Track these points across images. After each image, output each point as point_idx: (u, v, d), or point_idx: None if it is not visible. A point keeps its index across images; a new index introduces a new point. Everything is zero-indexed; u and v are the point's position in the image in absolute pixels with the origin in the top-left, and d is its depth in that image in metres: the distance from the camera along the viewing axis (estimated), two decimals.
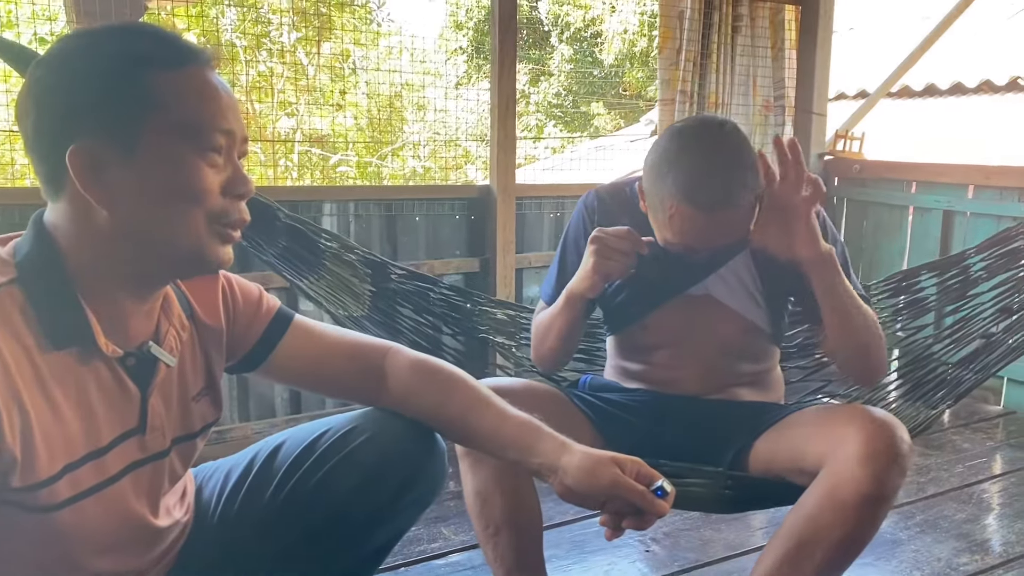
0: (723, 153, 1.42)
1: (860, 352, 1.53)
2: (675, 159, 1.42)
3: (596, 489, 1.15)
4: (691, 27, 3.32)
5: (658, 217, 1.46)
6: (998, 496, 2.54)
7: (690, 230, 1.42)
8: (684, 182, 1.39)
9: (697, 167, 1.40)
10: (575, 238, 1.68)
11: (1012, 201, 3.10)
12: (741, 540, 2.19)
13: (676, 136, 1.47)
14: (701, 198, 1.38)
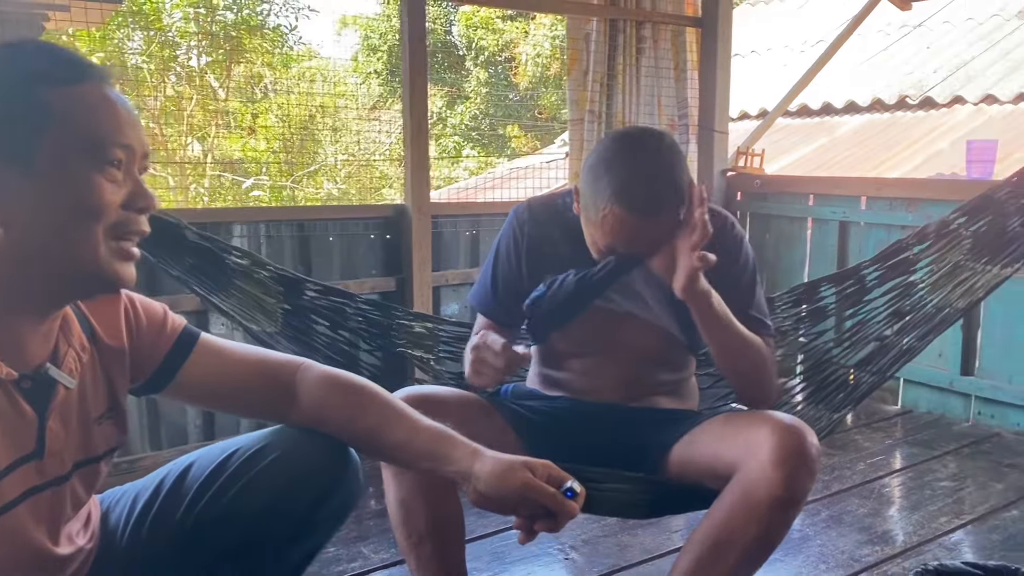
0: (660, 163, 1.47)
1: (740, 378, 1.61)
2: (613, 162, 1.46)
3: (508, 493, 1.17)
4: (597, 49, 3.41)
5: (590, 217, 1.49)
6: (897, 490, 2.68)
7: (620, 232, 1.46)
8: (619, 185, 1.44)
9: (633, 172, 1.44)
10: (505, 250, 1.71)
11: (901, 211, 3.28)
12: (658, 544, 2.24)
13: (616, 140, 1.52)
14: (634, 202, 1.43)
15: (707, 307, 1.51)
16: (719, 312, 1.52)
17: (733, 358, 1.58)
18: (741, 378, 1.62)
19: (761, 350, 1.59)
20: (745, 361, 1.58)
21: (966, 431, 3.16)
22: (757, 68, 6.61)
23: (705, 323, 1.53)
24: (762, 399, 1.63)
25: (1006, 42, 5.43)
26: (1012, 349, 3.09)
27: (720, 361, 1.60)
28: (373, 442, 1.25)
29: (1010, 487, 2.63)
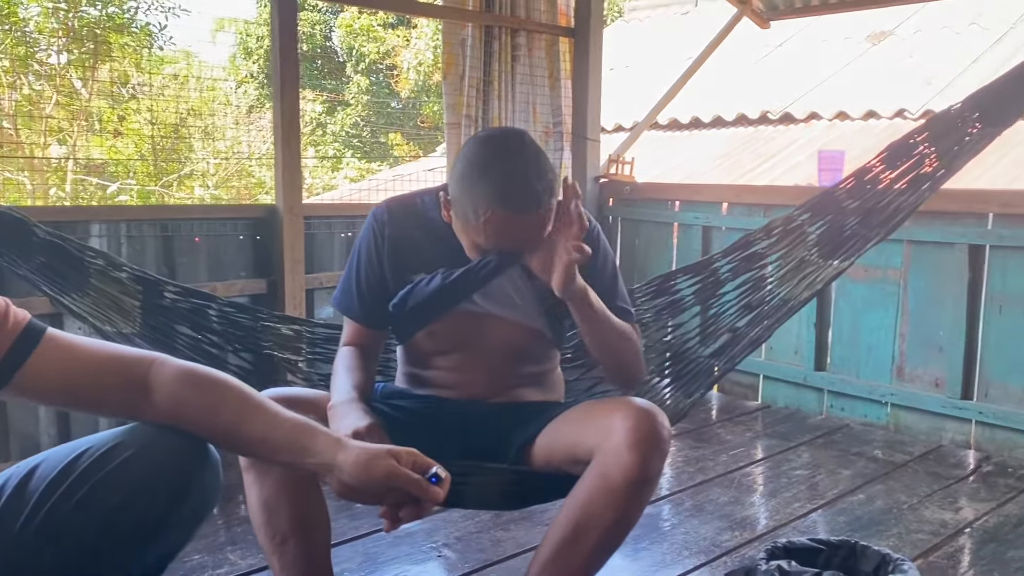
0: (530, 160, 1.50)
1: (615, 366, 1.70)
2: (486, 166, 1.49)
3: (373, 482, 1.17)
4: (472, 54, 3.46)
5: (471, 222, 1.51)
6: (756, 479, 2.82)
7: (505, 233, 1.49)
8: (498, 187, 1.46)
9: (508, 173, 1.47)
10: (367, 252, 1.70)
11: (759, 216, 3.47)
12: (531, 537, 2.28)
13: (483, 144, 1.54)
14: (514, 201, 1.46)
15: (585, 303, 1.57)
16: (595, 306, 1.58)
17: (608, 348, 1.65)
18: (615, 365, 1.70)
19: (632, 338, 1.68)
20: (619, 350, 1.66)
21: (819, 423, 3.36)
22: (632, 81, 6.84)
23: (583, 317, 1.59)
24: (633, 381, 1.74)
25: (857, 63, 5.82)
26: (858, 346, 3.32)
27: (596, 351, 1.67)
28: (232, 437, 1.23)
29: (857, 474, 2.81)
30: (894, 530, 2.37)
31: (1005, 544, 2.28)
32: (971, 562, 2.20)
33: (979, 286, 2.98)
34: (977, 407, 2.99)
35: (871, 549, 1.72)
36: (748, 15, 4.07)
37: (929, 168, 2.08)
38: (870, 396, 3.28)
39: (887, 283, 3.21)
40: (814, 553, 1.74)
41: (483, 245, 1.53)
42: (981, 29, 5.55)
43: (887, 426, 3.25)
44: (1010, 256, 2.89)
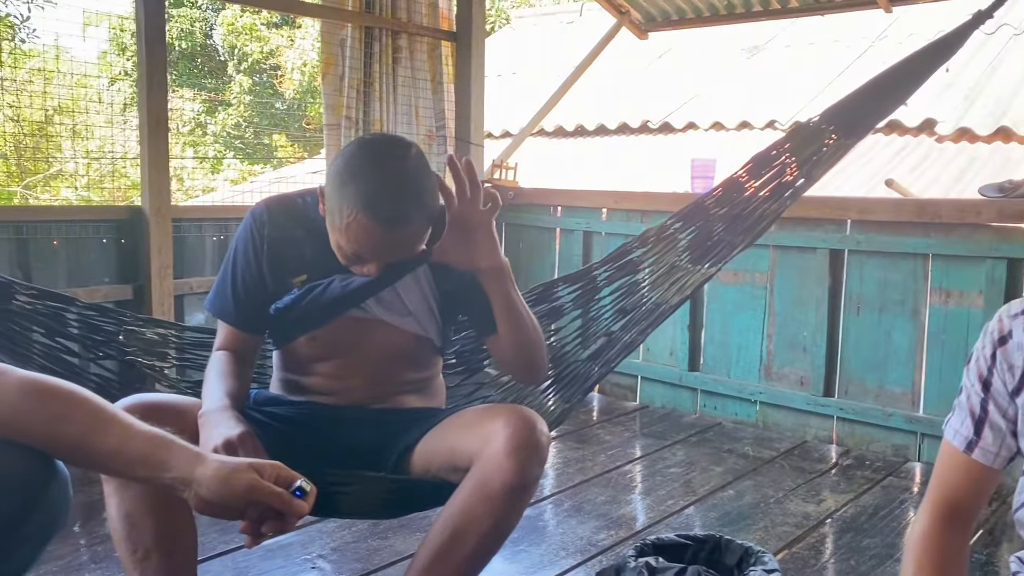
0: (405, 172, 1.47)
1: (529, 352, 1.67)
2: (360, 169, 1.45)
3: (233, 497, 1.13)
4: (352, 55, 3.41)
5: (335, 222, 1.47)
6: (633, 478, 2.88)
7: (365, 240, 1.45)
8: (366, 193, 1.43)
9: (380, 181, 1.44)
10: (244, 253, 1.64)
11: (636, 222, 3.56)
12: (408, 546, 2.25)
13: (364, 147, 1.51)
14: (380, 211, 1.43)
15: (508, 279, 1.57)
16: (514, 284, 1.59)
17: (523, 332, 1.63)
18: (525, 354, 1.67)
19: (538, 326, 1.67)
20: (531, 336, 1.64)
21: (693, 422, 3.47)
22: (520, 87, 6.91)
23: (503, 294, 1.58)
24: (540, 369, 1.72)
25: (731, 76, 6.07)
26: (728, 347, 3.45)
27: (511, 336, 1.64)
28: (80, 451, 1.16)
29: (728, 470, 2.92)
30: (761, 523, 2.47)
31: (861, 533, 2.41)
32: (831, 552, 2.31)
33: (839, 289, 3.15)
34: (838, 404, 3.16)
35: (735, 543, 1.79)
36: (627, 25, 4.18)
37: (790, 177, 2.18)
38: (740, 395, 3.41)
39: (755, 287, 3.35)
40: (682, 548, 1.79)
41: (344, 248, 1.50)
42: (844, 46, 5.88)
43: (756, 423, 3.39)
44: (866, 260, 3.08)
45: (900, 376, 3.02)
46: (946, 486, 1.14)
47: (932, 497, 1.15)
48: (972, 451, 1.10)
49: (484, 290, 1.60)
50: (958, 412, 1.13)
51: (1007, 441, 1.09)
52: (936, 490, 1.15)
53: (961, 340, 2.85)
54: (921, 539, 1.12)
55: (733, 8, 3.99)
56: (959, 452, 1.12)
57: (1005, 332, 1.07)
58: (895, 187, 3.25)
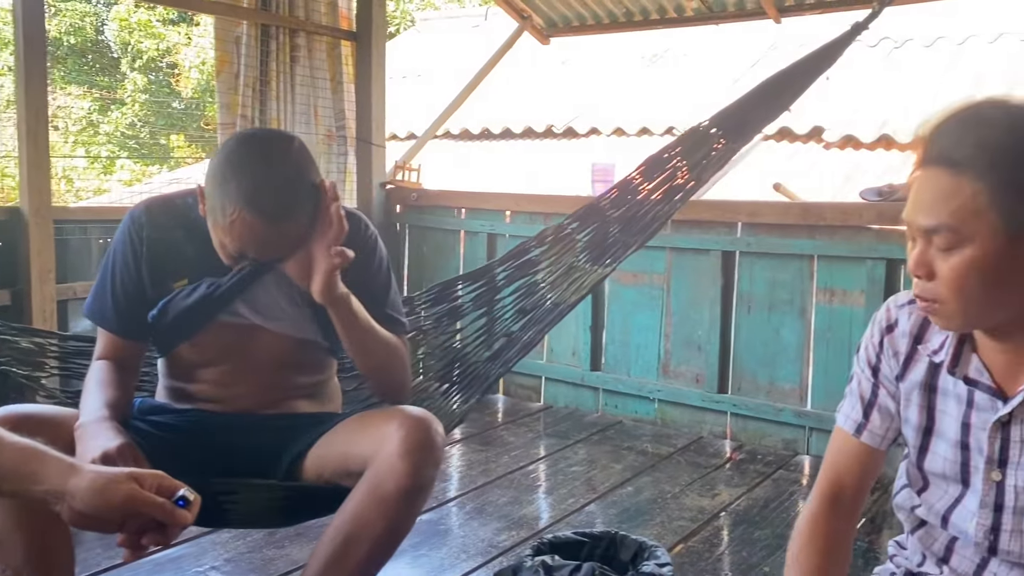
0: (290, 166, 1.43)
1: (379, 377, 1.66)
2: (241, 164, 1.41)
3: (110, 509, 1.08)
4: (248, 53, 3.33)
5: (218, 220, 1.42)
6: (535, 478, 2.90)
7: (249, 237, 1.41)
8: (248, 189, 1.38)
9: (263, 175, 1.40)
10: (123, 256, 1.57)
11: (539, 224, 3.58)
12: (304, 555, 2.20)
13: (244, 142, 1.46)
14: (264, 207, 1.38)
15: (346, 310, 1.52)
16: (358, 315, 1.54)
17: (371, 358, 1.61)
18: (378, 376, 1.66)
19: (397, 348, 1.65)
20: (382, 360, 1.62)
21: (595, 420, 3.52)
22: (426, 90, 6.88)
23: (344, 326, 1.54)
24: (398, 394, 1.68)
25: (632, 82, 6.20)
26: (628, 346, 3.52)
27: (358, 361, 1.63)
28: None
29: (627, 467, 2.97)
30: (658, 518, 2.52)
31: (753, 525, 2.50)
32: (725, 544, 2.38)
33: (731, 289, 3.26)
34: (731, 400, 3.27)
35: (630, 539, 1.82)
36: (529, 30, 4.22)
37: (681, 180, 2.25)
38: (639, 393, 3.48)
39: (653, 287, 3.43)
40: (578, 546, 1.81)
41: (228, 247, 1.45)
42: (739, 55, 6.09)
43: (655, 420, 3.47)
44: (756, 261, 3.19)
45: (789, 372, 3.14)
46: (836, 470, 1.19)
47: (821, 482, 1.19)
48: (861, 434, 1.16)
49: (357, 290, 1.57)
50: (849, 398, 1.18)
51: (894, 423, 1.15)
52: (826, 475, 1.20)
53: (845, 337, 2.98)
54: (808, 522, 1.17)
55: (632, 16, 4.08)
56: (849, 436, 1.17)
57: (892, 321, 1.13)
58: (782, 191, 3.38)
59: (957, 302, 0.96)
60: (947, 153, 0.94)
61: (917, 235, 0.98)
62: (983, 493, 1.03)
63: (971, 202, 0.92)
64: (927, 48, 5.38)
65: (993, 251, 0.93)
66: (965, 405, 1.05)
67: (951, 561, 1.10)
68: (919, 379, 1.10)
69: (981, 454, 1.04)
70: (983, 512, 1.04)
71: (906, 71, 5.15)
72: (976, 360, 1.04)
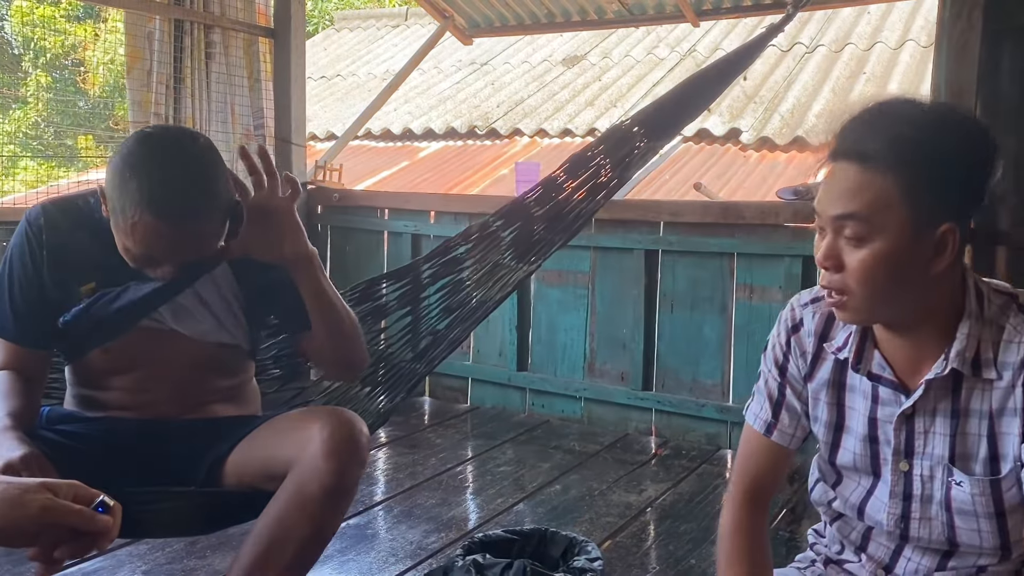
0: (194, 165, 1.37)
1: (347, 344, 1.59)
2: (142, 165, 1.34)
3: (24, 520, 1.02)
4: (161, 49, 3.22)
5: (120, 224, 1.35)
6: (464, 479, 2.89)
7: (154, 241, 1.35)
8: (150, 190, 1.32)
9: (165, 176, 1.33)
10: (21, 262, 1.49)
11: (464, 224, 3.56)
12: (227, 564, 2.13)
13: (145, 141, 1.39)
14: (167, 209, 1.32)
15: (318, 267, 1.50)
16: (324, 273, 1.53)
17: (337, 319, 1.56)
18: (342, 342, 1.58)
19: (353, 314, 1.61)
20: (347, 327, 1.57)
21: (523, 420, 3.53)
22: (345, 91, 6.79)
23: (313, 283, 1.51)
24: (359, 362, 1.65)
25: (553, 84, 6.24)
26: (554, 346, 3.54)
27: (325, 328, 1.56)
28: None
29: (555, 466, 2.98)
30: (586, 515, 2.54)
31: (679, 519, 2.53)
32: (652, 539, 2.41)
33: (654, 287, 3.31)
34: (656, 397, 3.31)
35: (560, 535, 1.83)
36: (451, 30, 4.20)
37: (604, 178, 2.27)
38: (566, 392, 3.51)
39: (578, 287, 3.46)
40: (509, 544, 1.80)
41: (132, 251, 1.38)
42: (657, 59, 6.20)
43: (582, 419, 3.49)
44: (678, 260, 3.25)
45: (711, 369, 3.21)
46: (749, 468, 1.21)
47: (737, 481, 1.21)
48: (771, 433, 1.18)
49: (292, 285, 1.53)
50: (757, 397, 1.20)
51: (802, 422, 1.17)
52: (740, 473, 1.21)
53: (765, 333, 3.01)
54: (733, 526, 1.19)
55: (553, 17, 4.11)
56: (760, 435, 1.19)
57: (797, 320, 1.15)
58: (703, 191, 3.45)
59: (864, 294, 0.98)
60: (859, 147, 0.96)
61: (827, 226, 0.99)
62: (892, 483, 1.07)
63: (883, 195, 0.94)
64: (836, 53, 5.58)
65: (902, 244, 0.95)
66: (871, 400, 1.08)
67: (868, 549, 1.13)
68: (827, 377, 1.13)
69: (889, 446, 1.07)
70: (893, 502, 1.07)
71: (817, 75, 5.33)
72: (878, 356, 1.06)
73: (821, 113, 4.79)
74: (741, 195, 4.04)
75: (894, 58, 5.32)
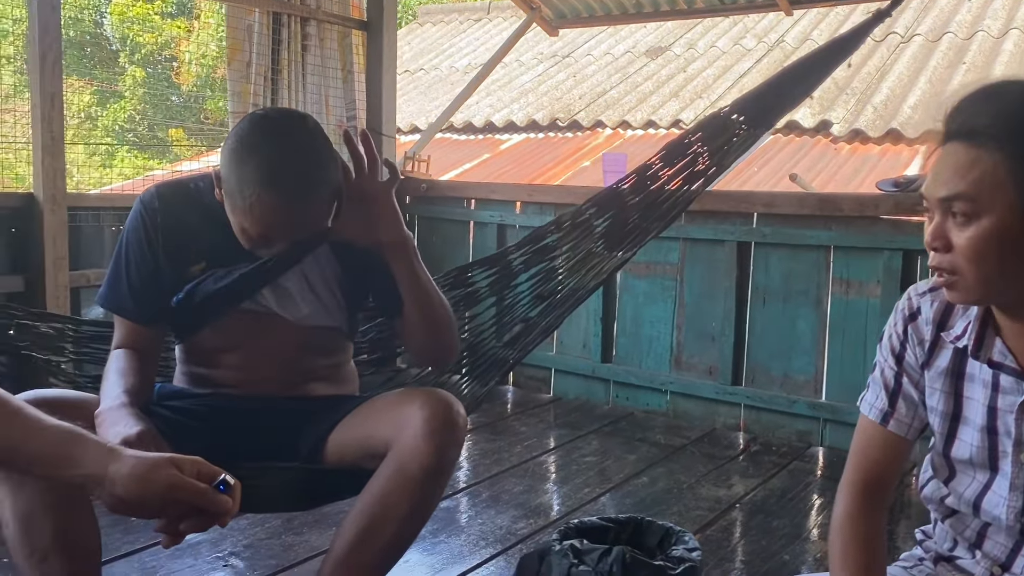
0: (307, 144, 1.41)
1: (440, 330, 1.61)
2: (259, 145, 1.38)
3: (152, 495, 1.06)
4: (260, 41, 3.31)
5: (237, 204, 1.39)
6: (549, 468, 2.90)
7: (271, 219, 1.38)
8: (268, 169, 1.35)
9: (281, 155, 1.37)
10: (137, 243, 1.55)
11: (550, 215, 3.57)
12: (323, 542, 2.19)
13: (259, 122, 1.43)
14: (285, 187, 1.36)
15: (414, 254, 1.53)
16: (420, 261, 1.55)
17: (431, 306, 1.58)
18: (434, 328, 1.61)
19: (447, 303, 1.63)
20: (440, 310, 1.60)
21: (606, 412, 3.52)
22: (427, 84, 6.87)
23: (409, 270, 1.54)
24: (452, 348, 1.68)
25: (637, 76, 6.19)
26: (640, 338, 3.51)
27: (419, 316, 1.59)
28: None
29: (641, 458, 2.97)
30: (675, 508, 2.52)
31: (771, 515, 2.49)
32: (742, 533, 2.38)
33: (746, 280, 3.25)
34: (745, 392, 3.26)
35: (655, 524, 1.81)
36: (537, 21, 4.20)
37: (702, 166, 2.24)
38: (651, 385, 3.48)
39: (666, 278, 3.42)
40: (604, 531, 1.80)
41: (250, 232, 1.42)
42: (744, 49, 6.09)
43: (667, 412, 3.46)
44: (771, 252, 3.18)
45: (803, 364, 3.14)
46: (864, 460, 1.18)
47: (851, 474, 1.18)
48: (888, 423, 1.15)
49: (388, 268, 1.55)
50: (873, 387, 1.18)
51: (919, 412, 1.14)
52: (854, 466, 1.18)
53: (860, 328, 2.98)
54: (847, 519, 1.16)
55: (641, 7, 4.07)
56: (875, 425, 1.16)
57: (915, 309, 1.12)
58: (798, 182, 3.37)
59: (974, 273, 0.96)
60: (967, 126, 0.95)
61: (935, 208, 0.97)
62: (1013, 476, 1.03)
63: (990, 173, 0.92)
64: (933, 43, 5.38)
65: (1010, 222, 0.93)
66: (991, 389, 1.05)
67: (984, 546, 1.10)
68: (945, 366, 1.10)
69: (1009, 437, 1.03)
70: (1013, 495, 1.03)
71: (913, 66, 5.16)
72: (1000, 343, 1.03)
73: (916, 104, 4.63)
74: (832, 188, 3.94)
75: (996, 47, 5.10)
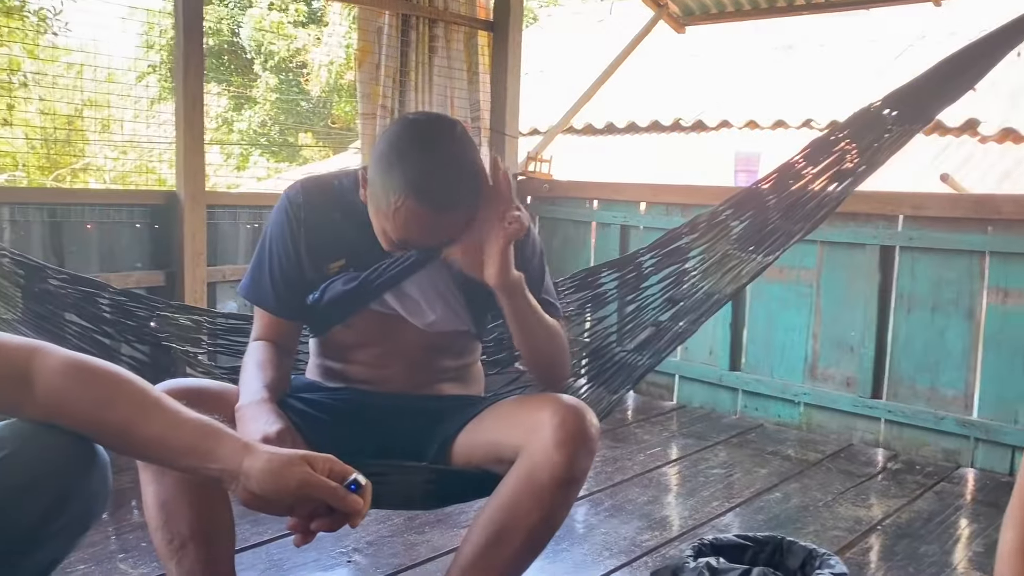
0: (454, 154, 1.39)
1: (545, 364, 1.60)
2: (406, 151, 1.37)
3: (284, 492, 1.06)
4: (389, 43, 3.35)
5: (380, 208, 1.39)
6: (673, 479, 2.79)
7: (414, 226, 1.37)
8: (416, 178, 1.34)
9: (428, 163, 1.36)
10: (280, 237, 1.56)
11: (676, 215, 3.47)
12: (445, 541, 2.18)
13: (409, 127, 1.42)
14: (431, 196, 1.35)
15: (520, 295, 1.48)
16: (529, 300, 1.50)
17: (537, 345, 1.56)
18: (542, 363, 1.60)
19: (559, 333, 1.59)
20: (547, 347, 1.57)
21: (734, 423, 3.37)
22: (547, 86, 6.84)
23: (515, 311, 1.49)
24: (559, 380, 1.64)
25: (765, 73, 5.96)
26: (772, 346, 3.35)
27: (524, 348, 1.57)
28: (124, 437, 1.10)
29: (772, 472, 2.82)
30: (811, 527, 2.37)
31: (918, 540, 2.31)
32: (886, 557, 2.21)
33: (889, 287, 3.04)
34: (886, 406, 3.05)
35: (797, 544, 1.70)
36: (665, 19, 4.09)
37: (850, 164, 2.09)
38: (783, 396, 3.31)
39: (801, 284, 3.25)
40: (741, 549, 1.70)
41: (391, 235, 1.41)
42: (881, 46, 5.77)
43: (800, 425, 3.28)
44: (919, 257, 2.97)
45: (953, 378, 2.91)
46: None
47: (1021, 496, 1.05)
48: None
49: None
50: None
51: None
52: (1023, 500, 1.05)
53: (1020, 341, 2.73)
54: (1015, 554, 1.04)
55: (774, 1, 3.90)
56: None
57: None
58: (950, 183, 3.14)
59: None
60: None
61: None
62: None
63: None
64: None
65: None
66: None
67: None
68: None
69: None
70: None
71: None
72: None
73: None
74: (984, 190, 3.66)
75: None
